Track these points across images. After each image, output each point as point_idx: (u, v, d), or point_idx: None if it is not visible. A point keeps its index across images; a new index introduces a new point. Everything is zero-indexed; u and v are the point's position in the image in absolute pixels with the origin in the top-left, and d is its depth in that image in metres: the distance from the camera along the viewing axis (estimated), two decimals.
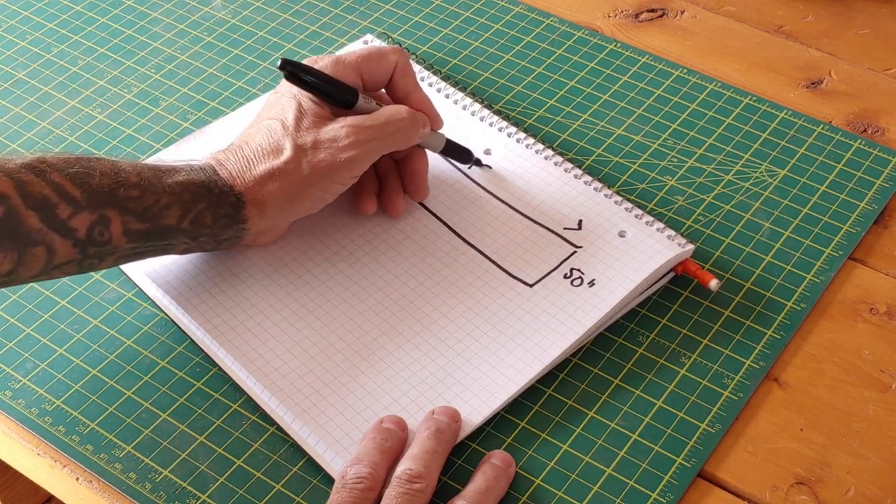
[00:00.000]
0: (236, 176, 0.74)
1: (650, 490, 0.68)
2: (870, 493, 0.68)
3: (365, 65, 0.78)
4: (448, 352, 0.74)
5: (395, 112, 0.77)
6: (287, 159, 0.74)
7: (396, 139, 0.76)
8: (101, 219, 0.69)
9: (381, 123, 0.75)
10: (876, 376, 0.74)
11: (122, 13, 1.00)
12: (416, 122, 0.77)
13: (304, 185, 0.74)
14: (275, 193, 0.74)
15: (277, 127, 0.75)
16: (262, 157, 0.74)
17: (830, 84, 0.92)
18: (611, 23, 0.98)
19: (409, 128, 0.77)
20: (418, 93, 0.80)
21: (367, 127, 0.75)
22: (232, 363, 0.74)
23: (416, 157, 0.80)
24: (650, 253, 0.77)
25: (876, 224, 0.82)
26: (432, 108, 0.80)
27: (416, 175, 0.80)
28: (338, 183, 0.75)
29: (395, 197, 0.80)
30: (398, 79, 0.79)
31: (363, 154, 0.75)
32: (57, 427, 0.72)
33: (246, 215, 0.74)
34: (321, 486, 0.69)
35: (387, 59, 0.79)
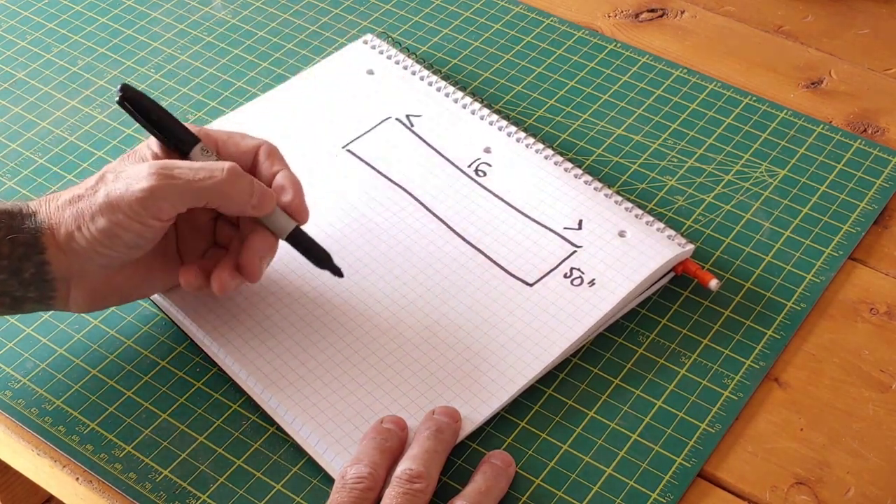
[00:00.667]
0: (44, 202, 0.70)
1: (650, 490, 0.68)
2: (870, 493, 0.68)
3: (224, 136, 0.73)
4: (448, 352, 0.74)
5: (215, 164, 0.69)
6: (89, 185, 0.69)
7: (206, 191, 0.68)
8: None
9: (192, 168, 0.68)
10: (876, 376, 0.74)
11: (122, 13, 1.00)
12: (238, 179, 0.69)
13: (95, 213, 0.68)
14: (68, 219, 0.68)
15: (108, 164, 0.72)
16: (75, 188, 0.70)
17: (830, 84, 0.92)
18: (611, 23, 0.98)
19: (227, 183, 0.68)
20: (288, 172, 0.73)
21: (173, 168, 0.68)
22: (232, 363, 0.74)
23: (256, 235, 0.72)
24: (650, 253, 0.77)
25: (876, 224, 0.82)
26: (299, 193, 0.72)
27: (248, 250, 0.71)
28: (130, 218, 0.67)
29: (221, 268, 0.72)
30: (263, 160, 0.73)
31: (159, 189, 0.67)
32: (57, 427, 0.72)
33: (44, 244, 0.68)
34: (321, 486, 0.69)
35: (248, 140, 0.74)
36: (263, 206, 0.71)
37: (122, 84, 0.72)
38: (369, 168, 0.84)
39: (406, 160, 0.85)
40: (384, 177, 0.84)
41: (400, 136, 0.87)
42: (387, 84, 0.90)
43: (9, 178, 0.86)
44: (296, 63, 0.94)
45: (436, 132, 0.86)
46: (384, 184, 0.83)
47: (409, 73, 0.90)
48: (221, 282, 0.72)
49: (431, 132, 0.86)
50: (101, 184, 0.69)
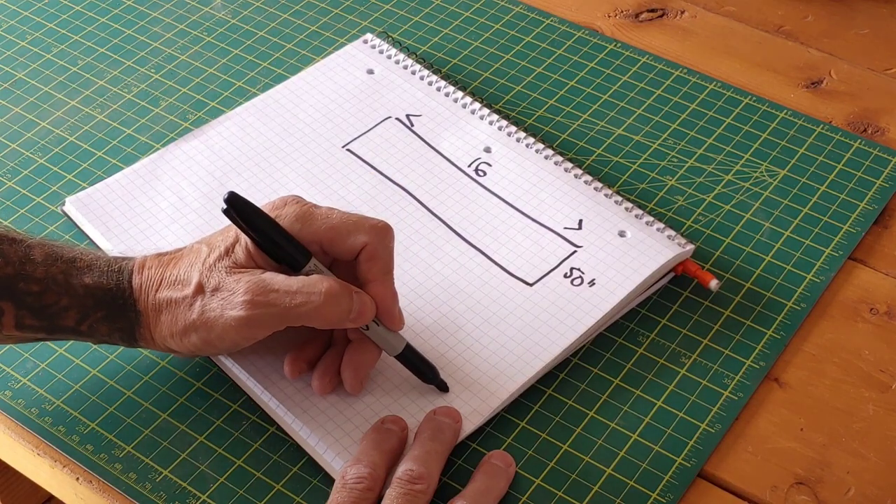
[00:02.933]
0: (144, 291, 0.69)
1: (650, 490, 0.68)
2: (870, 493, 0.68)
3: (329, 234, 0.68)
4: (448, 352, 0.74)
5: (313, 283, 0.66)
6: (185, 294, 0.68)
7: (303, 313, 0.66)
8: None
9: (288, 291, 0.66)
10: (876, 376, 0.74)
11: (122, 13, 1.00)
12: (335, 301, 0.66)
13: (190, 328, 0.68)
14: (163, 324, 0.68)
15: (202, 256, 0.69)
16: (173, 282, 0.68)
17: (830, 84, 0.92)
18: (611, 23, 0.98)
19: (323, 306, 0.66)
20: (381, 283, 0.69)
21: (270, 290, 0.66)
22: (232, 364, 0.74)
23: (361, 348, 0.70)
24: (650, 253, 0.77)
25: (876, 224, 0.82)
26: (391, 306, 0.70)
27: (352, 365, 0.70)
28: (223, 341, 0.67)
29: (324, 373, 0.71)
30: (363, 262, 0.69)
31: (254, 319, 0.66)
32: (57, 427, 0.72)
33: (140, 335, 0.70)
34: (321, 486, 0.69)
35: (356, 237, 0.68)
36: (361, 319, 0.68)
37: (229, 193, 0.67)
38: (369, 168, 0.84)
39: (406, 160, 0.85)
40: (384, 176, 0.84)
41: (400, 135, 0.87)
42: (387, 84, 0.90)
43: (9, 177, 0.86)
44: (296, 63, 0.94)
45: (436, 132, 0.86)
46: (384, 183, 0.83)
47: (409, 72, 0.90)
48: (323, 386, 0.71)
49: (431, 132, 0.86)
50: (198, 298, 0.67)
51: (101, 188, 0.84)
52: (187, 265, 0.69)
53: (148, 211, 0.82)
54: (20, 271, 0.67)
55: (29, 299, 0.68)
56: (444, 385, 0.72)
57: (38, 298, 0.68)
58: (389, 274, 0.70)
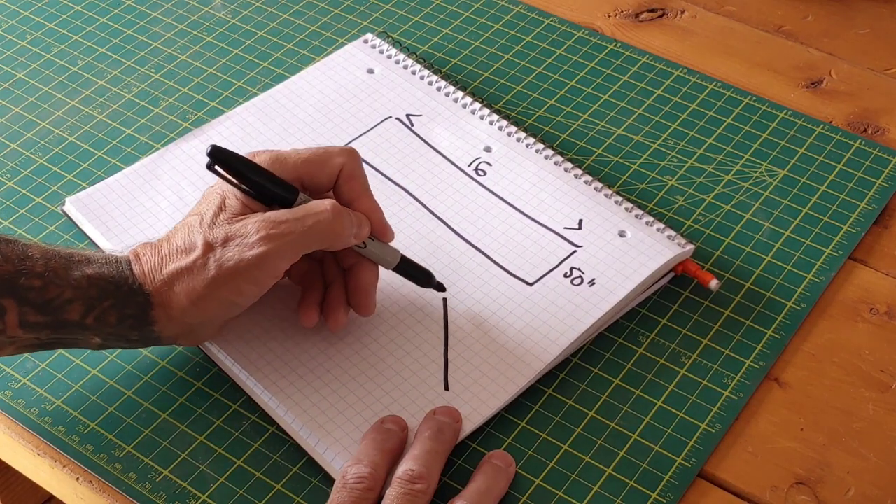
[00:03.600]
0: (148, 273, 0.69)
1: (650, 490, 0.68)
2: (870, 493, 0.68)
3: (306, 166, 0.71)
4: (448, 352, 0.74)
5: (316, 205, 0.69)
6: (196, 257, 0.68)
7: (317, 235, 0.69)
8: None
9: (297, 217, 0.68)
10: (876, 376, 0.74)
11: (122, 13, 1.00)
12: (341, 217, 0.69)
13: (211, 286, 0.68)
14: (180, 295, 0.68)
15: (196, 223, 0.69)
16: (176, 254, 0.69)
17: (830, 84, 0.92)
18: (611, 23, 0.98)
19: (333, 222, 0.69)
20: (366, 199, 0.72)
21: (281, 221, 0.68)
22: (232, 364, 0.74)
23: (362, 270, 0.73)
24: (650, 253, 0.77)
25: (876, 224, 0.82)
26: (381, 218, 0.73)
27: (360, 289, 0.73)
28: (249, 283, 0.68)
29: (335, 308, 0.73)
30: (343, 183, 0.72)
31: (275, 251, 0.67)
32: (57, 427, 0.72)
33: (154, 317, 0.69)
34: (321, 486, 0.69)
35: (331, 161, 0.71)
36: (363, 233, 0.71)
37: (211, 146, 0.69)
38: (369, 167, 0.84)
39: (406, 160, 0.85)
40: (384, 176, 0.84)
41: (400, 135, 0.87)
42: (387, 83, 0.90)
43: (9, 177, 0.86)
44: (296, 63, 0.94)
45: (436, 131, 0.86)
46: (384, 183, 0.83)
47: (409, 72, 0.90)
48: (337, 321, 0.73)
49: (431, 132, 0.86)
50: (210, 255, 0.68)
51: (101, 188, 0.84)
52: (184, 235, 0.69)
53: (148, 211, 0.82)
54: (20, 268, 0.67)
55: (31, 294, 0.67)
56: (441, 286, 0.75)
57: (41, 293, 0.67)
58: (370, 190, 0.73)
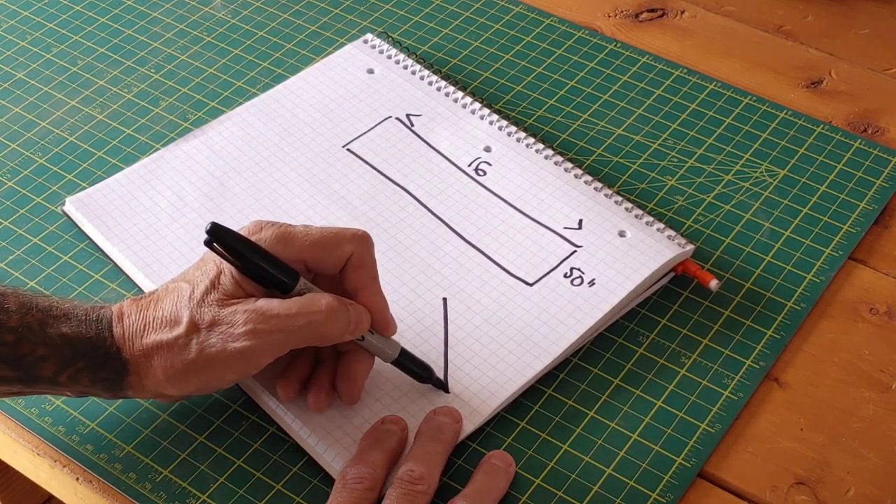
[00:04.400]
0: (128, 339, 0.66)
1: (650, 490, 0.68)
2: (870, 493, 0.68)
3: (314, 250, 0.68)
4: (448, 352, 0.74)
5: (311, 302, 0.66)
6: (178, 334, 0.65)
7: (307, 334, 0.66)
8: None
9: (290, 314, 0.65)
10: (876, 376, 0.74)
11: (122, 13, 1.00)
12: (336, 316, 0.66)
13: (189, 369, 0.65)
14: (156, 370, 0.66)
15: (186, 294, 0.66)
16: (160, 325, 0.66)
17: (830, 84, 0.92)
18: (611, 23, 0.98)
19: (326, 323, 0.65)
20: (370, 292, 0.69)
21: (271, 315, 0.65)
22: None
23: (356, 359, 0.70)
24: (650, 253, 0.77)
25: (876, 224, 0.82)
26: (383, 311, 0.69)
27: (349, 377, 0.70)
28: (230, 372, 0.66)
29: (319, 389, 0.70)
30: (350, 272, 0.68)
31: (260, 347, 0.65)
32: (57, 427, 0.72)
33: (129, 383, 0.67)
34: (321, 486, 0.69)
35: (341, 248, 0.68)
36: (359, 331, 0.68)
37: (211, 224, 0.66)
38: (369, 167, 0.84)
39: (406, 159, 0.85)
40: (384, 176, 0.84)
41: (400, 135, 0.87)
42: (387, 83, 0.90)
43: (9, 177, 0.86)
44: (296, 63, 0.94)
45: (436, 131, 0.86)
46: (384, 183, 0.83)
47: (409, 72, 0.90)
48: (319, 403, 0.70)
49: (431, 131, 0.86)
50: (193, 336, 0.65)
51: (101, 188, 0.84)
52: (171, 305, 0.67)
53: (148, 211, 0.82)
54: None
55: (3, 349, 0.65)
56: (441, 383, 0.72)
57: (13, 349, 0.65)
58: (377, 280, 0.70)
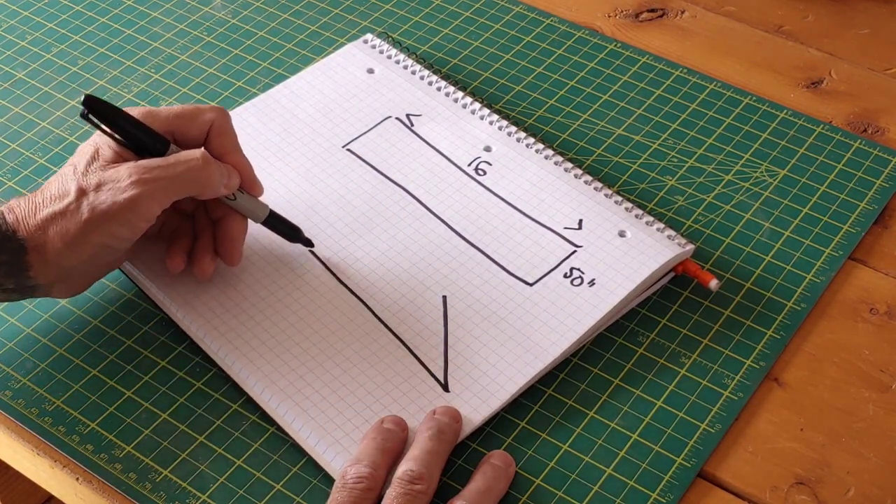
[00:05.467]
0: (21, 220, 0.70)
1: (650, 490, 0.68)
2: (870, 493, 0.68)
3: (177, 121, 0.74)
4: (448, 351, 0.74)
5: (187, 154, 0.72)
6: (69, 202, 0.70)
7: (187, 181, 0.71)
8: None
9: (169, 164, 0.71)
10: (876, 376, 0.74)
11: (122, 13, 1.00)
12: (210, 165, 0.72)
13: (84, 228, 0.69)
14: (54, 238, 0.69)
15: (69, 171, 0.71)
16: (50, 201, 0.70)
17: (830, 84, 0.92)
18: (611, 23, 0.98)
19: (203, 169, 0.72)
20: (236, 154, 0.75)
21: (153, 167, 0.70)
22: (232, 363, 0.74)
23: (231, 220, 0.75)
24: (650, 253, 0.77)
25: (876, 224, 0.82)
26: (250, 172, 0.76)
27: (227, 238, 0.75)
28: (122, 226, 0.70)
29: (202, 256, 0.75)
30: (213, 138, 0.75)
31: (147, 194, 0.69)
32: (57, 427, 0.72)
33: (29, 262, 0.70)
34: (321, 486, 0.69)
35: (202, 116, 0.74)
36: (232, 184, 0.74)
37: (86, 95, 0.71)
38: (369, 167, 0.84)
39: (406, 159, 0.85)
40: (384, 176, 0.84)
41: (400, 135, 0.87)
42: (387, 83, 0.90)
43: (9, 177, 0.86)
44: (296, 63, 0.94)
45: (436, 131, 0.86)
46: (384, 183, 0.83)
47: (409, 72, 0.90)
48: (203, 268, 0.76)
49: (431, 131, 0.86)
50: (84, 199, 0.70)
51: None
52: (57, 183, 0.71)
53: None
54: None
55: None
56: (308, 242, 0.78)
57: None
58: (239, 146, 0.76)
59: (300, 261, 0.79)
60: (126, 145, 0.72)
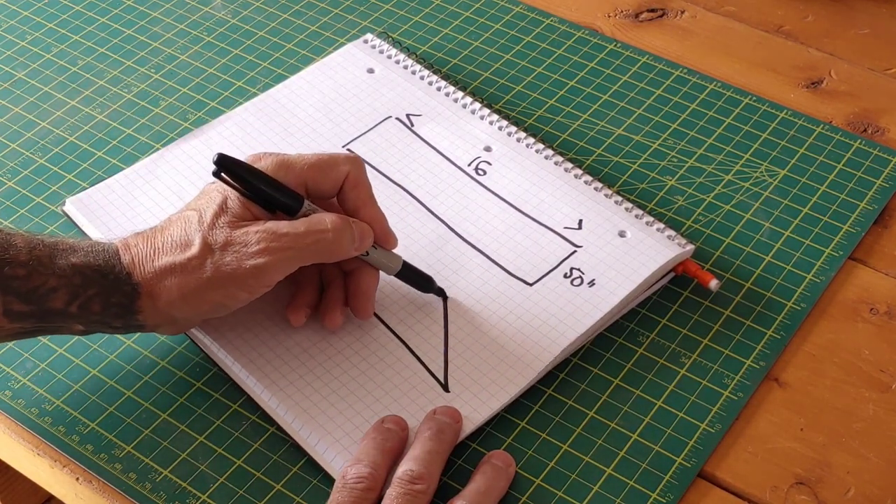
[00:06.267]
0: (138, 264, 0.69)
1: (650, 490, 0.68)
2: (870, 493, 0.68)
3: (312, 172, 0.72)
4: (448, 352, 0.74)
5: (319, 221, 0.70)
6: (191, 256, 0.68)
7: (317, 250, 0.69)
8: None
9: (299, 232, 0.69)
10: (876, 376, 0.74)
11: (122, 13, 1.00)
12: (342, 233, 0.70)
13: (205, 287, 0.68)
14: (171, 289, 0.69)
15: (194, 219, 0.70)
16: (170, 248, 0.69)
17: (830, 84, 0.92)
18: (611, 23, 0.98)
19: (334, 240, 0.69)
20: (370, 208, 0.73)
21: (282, 234, 0.68)
22: (232, 363, 0.74)
23: (363, 275, 0.74)
24: (650, 253, 0.77)
25: (876, 224, 0.82)
26: (384, 226, 0.74)
27: (360, 293, 0.74)
28: (244, 291, 0.69)
29: (332, 308, 0.74)
30: (348, 191, 0.72)
31: (273, 264, 0.68)
32: (57, 427, 0.72)
33: (140, 307, 0.69)
34: (321, 486, 0.69)
35: (337, 168, 0.72)
36: (364, 245, 0.72)
37: (218, 154, 0.69)
38: (369, 167, 0.84)
39: (406, 159, 0.85)
40: (384, 176, 0.84)
41: (400, 135, 0.87)
42: (387, 83, 0.90)
43: (9, 177, 0.86)
44: (296, 63, 0.94)
45: (436, 131, 0.86)
46: (384, 183, 0.83)
47: (409, 72, 0.90)
48: (334, 320, 0.74)
49: (431, 131, 0.86)
50: (208, 257, 0.68)
51: (101, 188, 0.84)
52: (180, 230, 0.70)
53: (148, 211, 0.82)
54: (3, 256, 0.67)
55: (15, 283, 0.67)
56: (441, 291, 0.76)
57: (25, 282, 0.67)
58: (373, 198, 0.74)
59: None
60: (258, 202, 0.70)
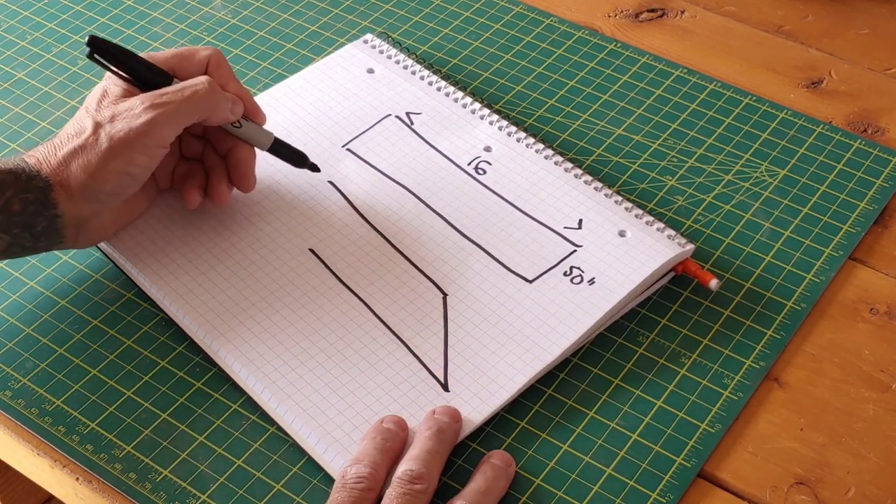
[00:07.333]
0: (42, 161, 0.74)
1: (650, 490, 0.68)
2: (870, 493, 0.68)
3: (176, 60, 0.78)
4: (448, 351, 0.74)
5: (194, 80, 0.76)
6: (86, 136, 0.74)
7: (197, 104, 0.75)
8: None
9: (177, 89, 0.75)
10: (876, 376, 0.74)
11: (122, 13, 1.00)
12: (216, 88, 0.76)
13: (105, 158, 0.73)
14: (77, 173, 0.73)
15: (82, 112, 0.76)
16: (67, 139, 0.74)
17: (830, 84, 0.92)
18: (611, 23, 0.98)
19: (210, 94, 0.76)
20: (235, 83, 0.80)
21: (163, 93, 0.75)
22: (232, 363, 0.74)
23: (239, 151, 0.80)
24: (650, 253, 0.77)
25: (876, 224, 0.82)
26: (251, 99, 0.80)
27: (239, 164, 0.79)
28: (139, 153, 0.74)
29: (217, 185, 0.80)
30: (212, 72, 0.79)
31: (161, 118, 0.74)
32: (57, 427, 0.72)
33: (55, 199, 0.73)
34: (321, 486, 0.69)
35: (198, 53, 0.79)
36: (237, 110, 0.78)
37: (90, 36, 0.76)
38: (369, 166, 0.84)
39: (406, 158, 0.85)
40: (384, 175, 0.84)
41: (400, 133, 0.87)
42: (387, 83, 0.90)
43: None
44: (296, 63, 0.94)
45: (436, 130, 0.86)
46: (384, 182, 0.83)
47: (409, 72, 0.90)
48: (220, 195, 0.80)
49: (431, 130, 0.86)
50: (101, 131, 0.73)
51: None
52: (73, 124, 0.75)
53: (148, 211, 0.82)
54: None
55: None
56: (315, 167, 0.82)
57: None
58: (236, 77, 0.80)
59: (299, 260, 0.79)
60: (132, 82, 0.76)
